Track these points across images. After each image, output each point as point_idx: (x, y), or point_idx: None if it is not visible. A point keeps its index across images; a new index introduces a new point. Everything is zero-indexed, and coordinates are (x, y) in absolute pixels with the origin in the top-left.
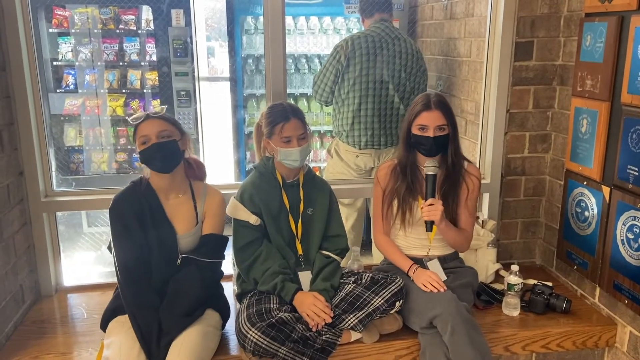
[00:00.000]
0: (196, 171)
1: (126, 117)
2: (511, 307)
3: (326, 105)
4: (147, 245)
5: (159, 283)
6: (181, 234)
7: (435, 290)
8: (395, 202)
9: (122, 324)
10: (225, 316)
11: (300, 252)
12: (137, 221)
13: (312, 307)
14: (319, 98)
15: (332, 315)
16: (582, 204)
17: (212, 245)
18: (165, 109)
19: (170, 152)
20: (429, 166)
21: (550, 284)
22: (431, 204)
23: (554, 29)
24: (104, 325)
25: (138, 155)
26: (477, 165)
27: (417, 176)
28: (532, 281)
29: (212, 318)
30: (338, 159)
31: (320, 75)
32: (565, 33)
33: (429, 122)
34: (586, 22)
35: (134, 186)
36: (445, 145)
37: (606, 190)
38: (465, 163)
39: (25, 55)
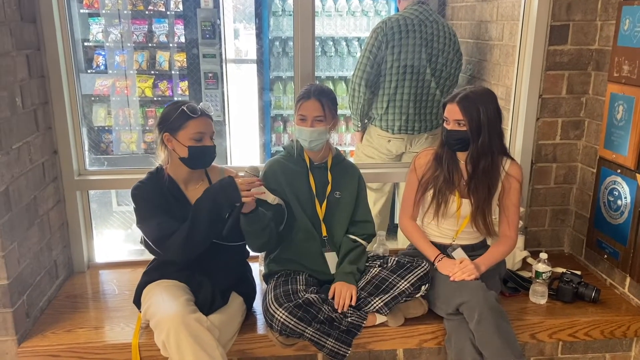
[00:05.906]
0: None
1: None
2: (539, 294)
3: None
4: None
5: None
6: None
7: (465, 278)
8: (431, 192)
9: (158, 284)
10: (249, 299)
11: (324, 233)
12: (161, 206)
13: None
14: (359, 82)
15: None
16: (614, 192)
17: (238, 230)
18: (209, 105)
19: (215, 155)
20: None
21: (579, 272)
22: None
23: (590, 12)
24: (137, 300)
25: (185, 148)
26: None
27: (458, 168)
28: (560, 269)
29: (234, 304)
30: (368, 143)
31: (361, 59)
32: (603, 17)
33: (449, 115)
34: (625, 5)
35: (152, 176)
36: (466, 142)
37: None
38: (507, 163)
39: (60, 35)
